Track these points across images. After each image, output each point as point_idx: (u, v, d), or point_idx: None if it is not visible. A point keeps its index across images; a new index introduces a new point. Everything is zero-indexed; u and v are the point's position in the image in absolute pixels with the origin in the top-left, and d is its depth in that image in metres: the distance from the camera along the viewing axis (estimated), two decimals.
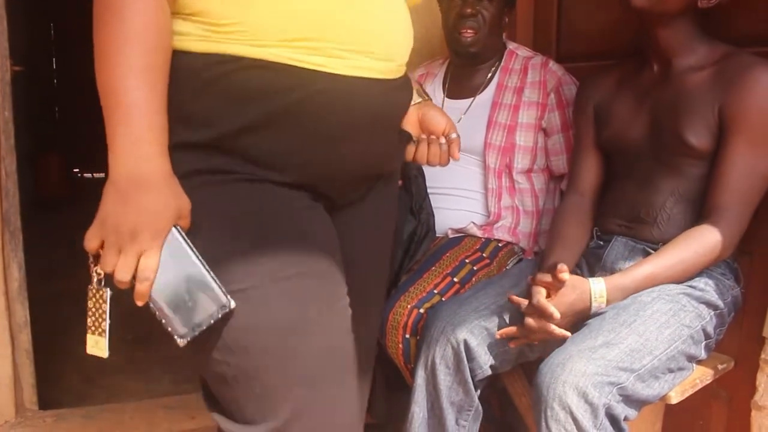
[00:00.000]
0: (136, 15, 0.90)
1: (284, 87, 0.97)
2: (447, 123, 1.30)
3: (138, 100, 0.90)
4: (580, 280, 1.44)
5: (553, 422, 1.26)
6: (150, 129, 0.91)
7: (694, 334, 1.40)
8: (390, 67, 1.10)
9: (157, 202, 0.92)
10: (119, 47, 0.89)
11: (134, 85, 0.90)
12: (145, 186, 0.91)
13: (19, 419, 2.23)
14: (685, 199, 1.50)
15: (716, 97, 1.43)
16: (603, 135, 1.66)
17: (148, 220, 0.91)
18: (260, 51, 0.95)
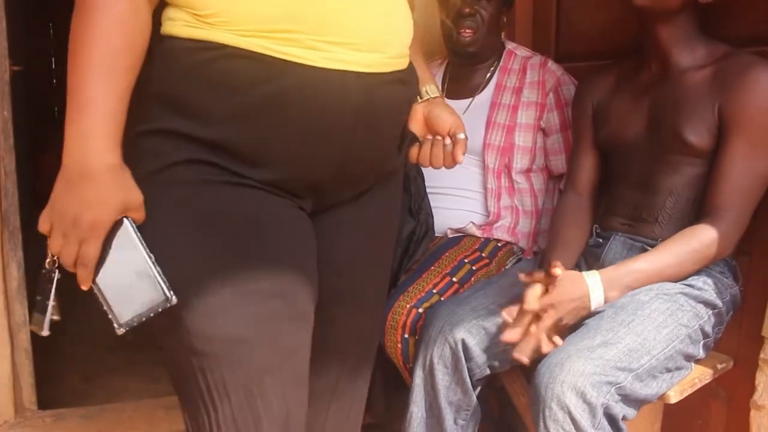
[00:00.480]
0: (103, 16, 0.94)
1: (262, 78, 0.97)
2: (453, 122, 1.23)
3: (95, 98, 0.93)
4: (575, 273, 1.44)
5: (551, 422, 1.26)
6: (102, 126, 0.94)
7: (692, 333, 1.40)
8: (378, 60, 1.05)
9: (98, 194, 0.94)
10: (84, 46, 0.94)
11: (93, 84, 0.93)
12: (89, 178, 0.94)
13: (18, 419, 2.23)
14: (685, 198, 1.50)
15: (715, 96, 1.43)
16: (602, 134, 1.66)
17: (88, 210, 0.94)
18: (242, 40, 0.95)
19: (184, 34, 0.98)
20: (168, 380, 2.57)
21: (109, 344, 3.06)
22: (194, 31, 0.97)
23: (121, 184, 0.96)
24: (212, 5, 0.95)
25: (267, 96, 0.97)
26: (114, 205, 0.96)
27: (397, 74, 1.10)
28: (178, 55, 0.99)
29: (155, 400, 2.44)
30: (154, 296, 0.97)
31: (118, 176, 0.96)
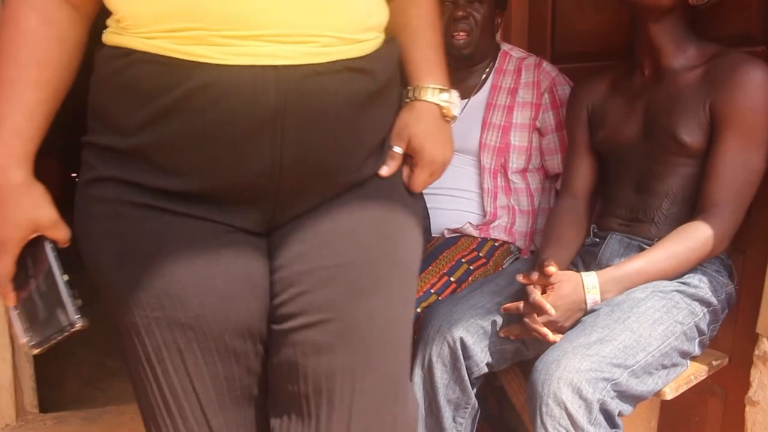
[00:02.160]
0: (8, 30, 0.91)
1: (168, 83, 0.88)
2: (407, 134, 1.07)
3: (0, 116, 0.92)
4: (572, 273, 1.46)
5: (548, 418, 1.27)
6: (4, 143, 0.92)
7: (687, 330, 1.41)
8: (304, 50, 0.89)
9: (1, 214, 0.93)
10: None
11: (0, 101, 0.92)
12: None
13: (19, 422, 2.24)
14: (681, 199, 1.51)
15: (707, 95, 1.44)
16: (597, 138, 1.67)
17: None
18: (148, 43, 0.89)
19: (108, 41, 0.94)
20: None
21: (109, 348, 3.07)
22: (113, 38, 0.93)
23: (26, 202, 0.94)
24: (120, 8, 0.91)
25: (172, 101, 0.88)
26: (17, 223, 0.94)
27: (345, 63, 0.93)
28: (101, 64, 0.95)
29: None
30: (63, 319, 0.97)
31: (21, 193, 0.94)
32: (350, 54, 0.94)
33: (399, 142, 1.06)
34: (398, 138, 1.06)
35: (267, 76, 0.88)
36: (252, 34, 0.87)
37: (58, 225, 0.98)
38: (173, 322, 0.97)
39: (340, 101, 0.94)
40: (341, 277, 0.99)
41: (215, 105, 0.88)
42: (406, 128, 1.06)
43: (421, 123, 1.07)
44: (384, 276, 1.02)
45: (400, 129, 1.06)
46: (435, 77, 1.10)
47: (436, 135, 1.09)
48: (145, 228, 0.95)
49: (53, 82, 0.94)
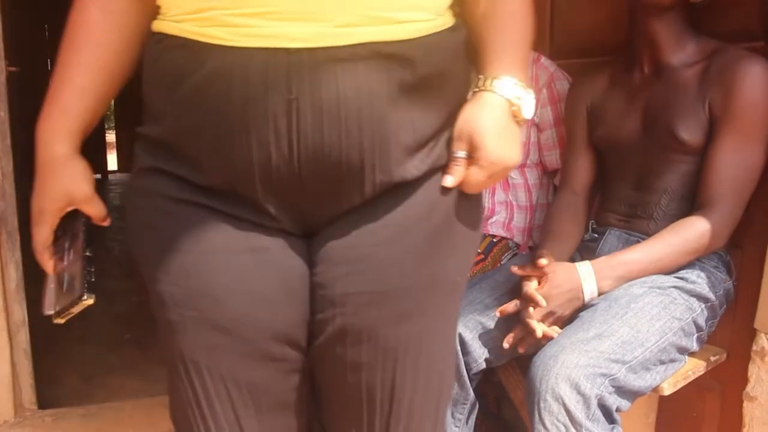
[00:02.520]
0: (72, 15, 0.97)
1: (189, 67, 0.86)
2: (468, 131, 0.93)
3: (52, 92, 0.97)
4: (568, 264, 1.46)
5: (546, 414, 1.27)
6: (51, 118, 0.97)
7: (685, 326, 1.41)
8: (320, 30, 0.81)
9: (40, 182, 0.98)
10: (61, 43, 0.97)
11: (54, 80, 0.97)
12: (38, 169, 0.98)
13: (18, 419, 2.23)
14: (679, 195, 1.51)
15: (706, 91, 1.44)
16: (597, 134, 1.67)
17: (35, 198, 0.99)
18: (176, 27, 0.87)
19: (152, 28, 0.94)
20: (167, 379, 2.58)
21: (108, 344, 3.08)
22: (155, 24, 0.93)
23: (64, 175, 0.98)
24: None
25: (192, 87, 0.86)
26: (53, 194, 0.98)
27: (372, 47, 0.83)
28: (146, 51, 0.95)
29: (154, 399, 2.45)
30: (77, 291, 1.02)
31: (62, 166, 0.97)
32: (381, 36, 0.83)
33: (461, 144, 0.93)
34: (459, 138, 0.93)
35: (279, 60, 0.81)
36: (262, 12, 0.81)
37: (92, 201, 1.00)
38: (208, 323, 0.94)
39: (363, 92, 0.83)
40: (382, 302, 0.94)
41: (227, 92, 0.83)
42: (467, 123, 0.92)
43: (485, 117, 0.92)
44: (427, 301, 0.97)
45: (461, 125, 0.92)
46: (511, 70, 0.94)
47: (501, 132, 0.92)
48: (182, 225, 0.93)
49: (107, 66, 0.97)
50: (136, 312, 3.53)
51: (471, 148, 0.92)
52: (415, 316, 0.96)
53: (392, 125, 0.87)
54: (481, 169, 0.93)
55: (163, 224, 0.94)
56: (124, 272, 4.41)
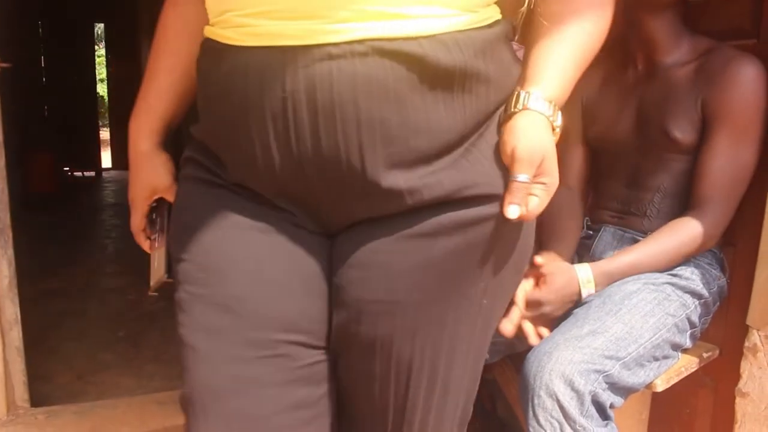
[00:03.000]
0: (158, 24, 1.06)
1: (211, 69, 0.90)
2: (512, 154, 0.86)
3: (140, 94, 1.08)
4: (567, 266, 1.46)
5: (540, 410, 1.27)
6: (137, 118, 1.09)
7: (679, 322, 1.41)
8: (314, 27, 0.78)
9: (132, 177, 1.10)
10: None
11: (143, 83, 1.08)
12: (129, 163, 1.10)
13: (10, 417, 2.23)
14: (672, 193, 1.52)
15: (699, 90, 1.44)
16: (590, 132, 1.67)
17: (129, 189, 1.12)
18: (209, 30, 0.92)
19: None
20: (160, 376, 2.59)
21: (101, 341, 3.08)
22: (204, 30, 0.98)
23: (148, 168, 1.09)
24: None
25: (211, 88, 0.90)
26: (141, 185, 1.10)
27: (374, 44, 0.78)
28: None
29: (148, 396, 2.45)
30: (160, 274, 1.16)
31: (146, 160, 1.09)
32: (383, 33, 0.77)
33: (529, 167, 0.84)
34: (529, 161, 0.84)
35: (275, 59, 0.80)
36: (263, 11, 0.80)
37: (173, 189, 1.07)
38: (213, 302, 0.90)
39: (360, 90, 0.78)
40: (394, 313, 0.90)
41: (233, 92, 0.84)
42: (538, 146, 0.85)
43: (550, 141, 0.87)
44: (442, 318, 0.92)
45: (533, 147, 0.84)
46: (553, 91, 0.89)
47: (553, 149, 0.88)
48: (207, 205, 0.94)
49: (184, 69, 1.03)
50: (130, 309, 3.53)
51: (538, 172, 0.85)
52: (430, 332, 0.92)
53: (398, 127, 0.81)
54: (548, 193, 0.88)
55: (190, 205, 0.97)
56: (118, 270, 4.40)
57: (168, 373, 2.69)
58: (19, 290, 2.23)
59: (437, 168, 0.84)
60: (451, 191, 0.85)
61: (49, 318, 3.30)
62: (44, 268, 4.14)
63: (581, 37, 0.89)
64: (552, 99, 0.87)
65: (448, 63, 0.80)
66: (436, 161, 0.84)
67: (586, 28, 0.90)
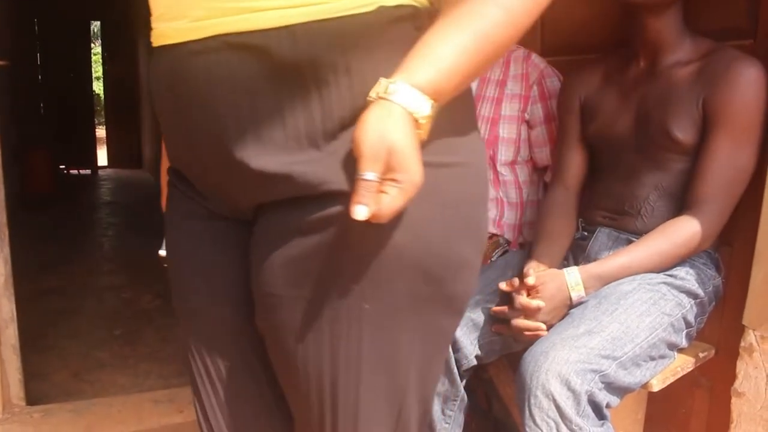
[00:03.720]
0: None
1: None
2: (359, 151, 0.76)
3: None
4: (555, 272, 1.47)
5: (537, 410, 1.27)
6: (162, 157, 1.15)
7: (675, 322, 1.42)
8: (181, 26, 0.82)
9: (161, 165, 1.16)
10: None
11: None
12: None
13: (6, 415, 2.22)
14: (668, 193, 1.52)
15: (700, 91, 1.44)
16: (589, 129, 1.67)
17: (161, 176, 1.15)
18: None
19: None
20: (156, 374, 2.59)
21: (97, 340, 3.08)
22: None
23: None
24: None
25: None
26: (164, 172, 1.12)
27: (224, 39, 0.79)
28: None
29: (143, 395, 2.45)
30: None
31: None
32: (233, 27, 0.78)
33: (375, 164, 0.74)
34: (374, 157, 0.74)
35: (162, 58, 0.87)
36: (158, 14, 0.86)
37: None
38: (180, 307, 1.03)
39: (214, 84, 0.81)
40: (278, 307, 0.88)
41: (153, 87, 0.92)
42: (382, 139, 0.74)
43: (402, 132, 0.75)
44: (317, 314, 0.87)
45: (375, 140, 0.74)
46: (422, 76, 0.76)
47: (415, 148, 0.76)
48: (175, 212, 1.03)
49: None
50: (126, 308, 3.52)
51: (387, 169, 0.75)
52: (310, 330, 0.88)
53: (249, 118, 0.81)
54: (402, 192, 0.75)
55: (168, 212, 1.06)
56: (114, 268, 4.40)
57: (163, 372, 2.69)
58: (15, 288, 2.23)
59: (306, 159, 0.81)
60: (316, 185, 0.81)
61: (45, 316, 3.30)
62: (40, 266, 4.14)
63: (481, 24, 0.77)
64: (422, 87, 0.75)
65: (294, 55, 0.78)
66: (299, 152, 0.81)
67: (490, 15, 0.78)
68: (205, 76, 0.81)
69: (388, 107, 0.75)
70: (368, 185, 0.74)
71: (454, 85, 0.79)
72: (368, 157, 0.74)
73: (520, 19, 0.80)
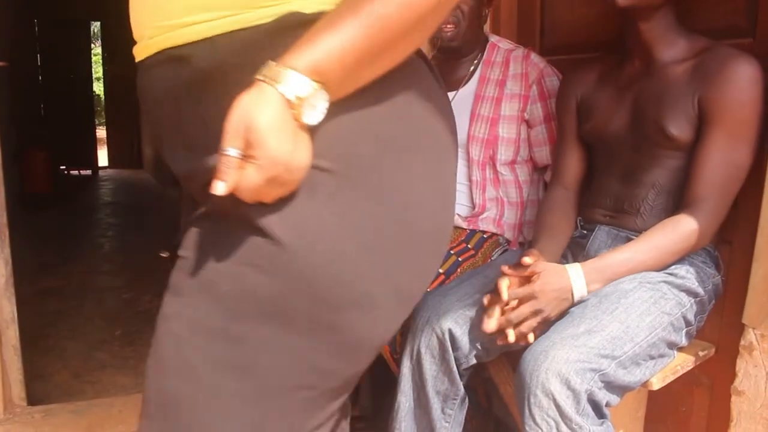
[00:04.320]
0: None
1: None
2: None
3: None
4: (557, 265, 1.47)
5: (536, 409, 1.28)
6: None
7: (675, 321, 1.42)
8: (143, 44, 0.89)
9: None
10: None
11: None
12: None
13: (7, 415, 2.23)
14: (666, 190, 1.52)
15: (696, 88, 1.44)
16: (586, 128, 1.68)
17: None
18: None
19: None
20: None
21: (98, 340, 3.08)
22: None
23: None
24: None
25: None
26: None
27: (166, 53, 0.84)
28: None
29: None
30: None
31: None
32: (171, 42, 0.83)
33: (235, 140, 0.75)
34: (234, 132, 0.75)
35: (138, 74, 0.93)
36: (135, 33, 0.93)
37: None
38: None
39: (161, 93, 0.88)
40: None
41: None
42: (242, 116, 0.74)
43: (263, 110, 0.74)
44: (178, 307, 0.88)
45: (236, 117, 0.75)
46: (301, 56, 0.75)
47: (282, 128, 0.75)
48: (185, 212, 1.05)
49: None
50: (126, 308, 3.52)
51: (246, 145, 0.75)
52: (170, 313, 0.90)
53: (179, 123, 0.87)
54: (259, 170, 0.75)
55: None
56: (114, 269, 4.40)
57: None
58: (16, 289, 2.23)
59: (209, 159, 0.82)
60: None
61: (46, 317, 3.30)
62: (41, 267, 4.14)
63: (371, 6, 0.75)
64: (299, 68, 0.74)
65: (210, 62, 0.82)
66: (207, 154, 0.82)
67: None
68: (151, 88, 0.90)
69: (261, 88, 0.75)
70: (228, 161, 0.75)
71: (343, 67, 0.75)
72: (229, 132, 0.75)
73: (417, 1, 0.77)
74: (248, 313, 0.83)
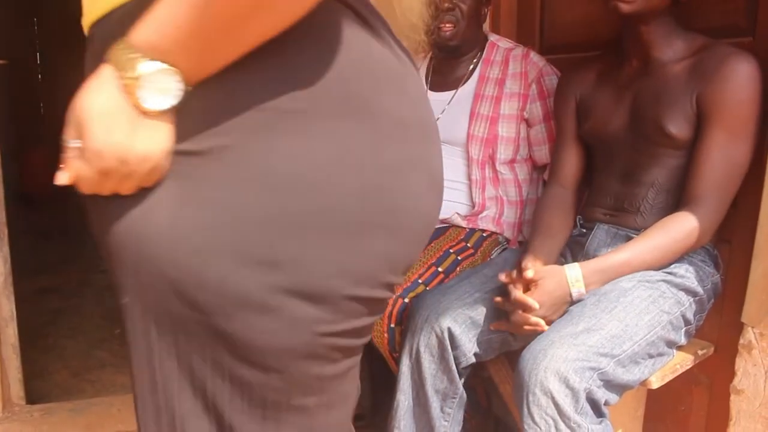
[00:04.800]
0: None
1: None
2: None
3: None
4: (556, 268, 1.47)
5: (535, 407, 1.28)
6: None
7: (674, 320, 1.42)
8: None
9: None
10: None
11: None
12: None
13: (6, 414, 2.23)
14: (665, 189, 1.52)
15: (694, 87, 1.44)
16: (585, 127, 1.68)
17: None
18: None
19: None
20: None
21: (97, 339, 3.07)
22: None
23: None
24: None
25: None
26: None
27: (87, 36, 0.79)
28: None
29: None
30: None
31: None
32: (85, 23, 0.78)
33: (71, 130, 0.69)
34: (70, 123, 0.69)
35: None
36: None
37: None
38: None
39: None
40: None
41: None
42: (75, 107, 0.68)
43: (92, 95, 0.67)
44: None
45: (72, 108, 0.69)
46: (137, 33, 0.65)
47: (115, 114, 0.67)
48: None
49: None
50: None
51: (78, 136, 0.68)
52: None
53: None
54: (87, 162, 0.69)
55: None
56: None
57: None
58: (15, 287, 2.23)
59: None
60: None
61: (45, 315, 3.30)
62: (40, 265, 4.14)
63: None
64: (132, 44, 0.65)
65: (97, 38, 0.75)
66: None
67: None
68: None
69: (101, 71, 0.68)
70: (69, 151, 0.70)
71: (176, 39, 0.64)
72: (67, 122, 0.69)
73: None
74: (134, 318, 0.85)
